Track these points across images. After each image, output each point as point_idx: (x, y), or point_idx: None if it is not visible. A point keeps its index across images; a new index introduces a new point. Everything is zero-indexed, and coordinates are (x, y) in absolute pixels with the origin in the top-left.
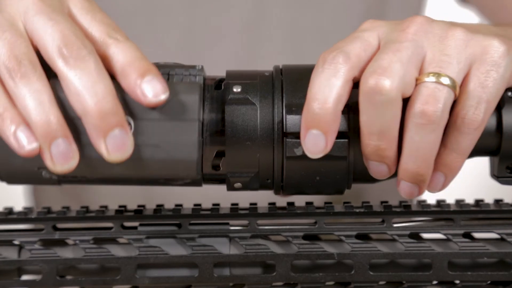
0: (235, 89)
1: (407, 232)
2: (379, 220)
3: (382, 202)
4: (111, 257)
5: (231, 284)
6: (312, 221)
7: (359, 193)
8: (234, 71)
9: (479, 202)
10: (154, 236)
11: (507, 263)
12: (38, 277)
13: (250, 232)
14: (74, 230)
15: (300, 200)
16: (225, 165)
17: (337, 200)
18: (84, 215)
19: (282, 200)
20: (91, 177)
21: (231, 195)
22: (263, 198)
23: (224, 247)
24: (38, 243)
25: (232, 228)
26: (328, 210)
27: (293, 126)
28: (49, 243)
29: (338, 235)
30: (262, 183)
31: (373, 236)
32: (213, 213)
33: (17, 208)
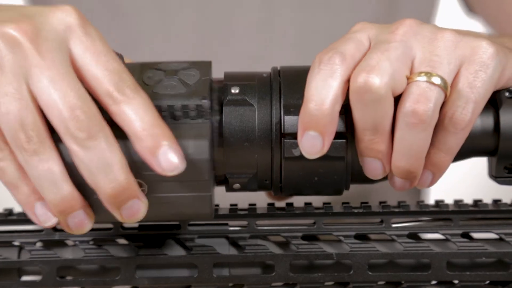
0: (233, 90)
1: (406, 232)
2: (378, 220)
3: (381, 203)
4: (111, 258)
5: (231, 285)
6: (311, 222)
7: (361, 196)
8: (232, 73)
9: (478, 202)
10: (154, 237)
11: (506, 263)
12: (38, 278)
13: (249, 233)
14: None
15: (299, 201)
16: (224, 166)
17: (336, 201)
18: None
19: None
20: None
21: (231, 196)
22: (262, 199)
23: (223, 248)
24: (38, 244)
25: (231, 229)
26: (327, 211)
27: (291, 127)
28: (49, 244)
29: (337, 236)
30: (261, 184)
31: (372, 236)
32: None
33: (17, 209)
